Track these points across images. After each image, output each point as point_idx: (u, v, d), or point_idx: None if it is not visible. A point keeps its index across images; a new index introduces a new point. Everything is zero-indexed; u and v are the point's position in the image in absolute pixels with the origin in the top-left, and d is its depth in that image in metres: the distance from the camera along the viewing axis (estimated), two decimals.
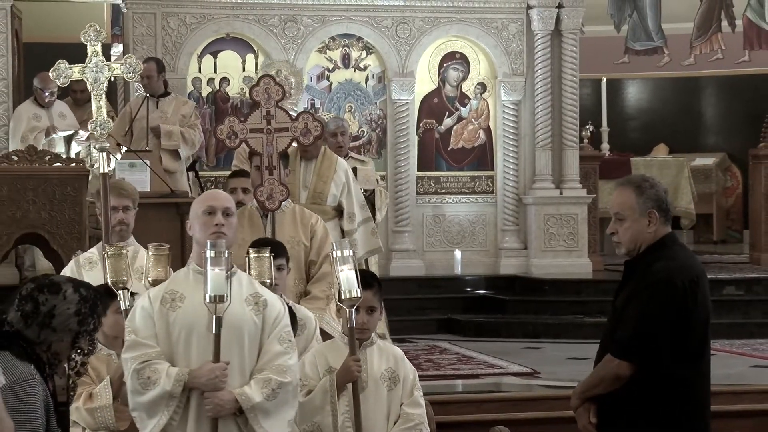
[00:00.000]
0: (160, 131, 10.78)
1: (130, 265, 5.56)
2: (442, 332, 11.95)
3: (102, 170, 6.51)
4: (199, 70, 12.74)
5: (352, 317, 5.22)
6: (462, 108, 13.36)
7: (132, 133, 10.88)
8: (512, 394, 8.33)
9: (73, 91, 11.52)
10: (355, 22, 12.98)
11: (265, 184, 7.06)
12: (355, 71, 13.12)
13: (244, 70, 12.77)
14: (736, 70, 17.83)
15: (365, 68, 13.14)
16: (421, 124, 13.27)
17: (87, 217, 8.84)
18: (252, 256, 5.34)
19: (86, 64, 6.56)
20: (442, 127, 13.32)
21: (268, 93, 7.14)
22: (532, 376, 9.51)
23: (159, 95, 11.05)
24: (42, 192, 8.85)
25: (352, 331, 5.24)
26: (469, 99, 13.36)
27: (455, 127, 13.35)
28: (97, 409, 5.36)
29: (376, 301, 5.39)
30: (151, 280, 5.34)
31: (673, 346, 4.68)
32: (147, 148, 10.53)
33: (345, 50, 13.07)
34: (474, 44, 13.32)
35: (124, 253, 5.53)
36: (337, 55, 13.07)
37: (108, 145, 6.71)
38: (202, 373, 4.76)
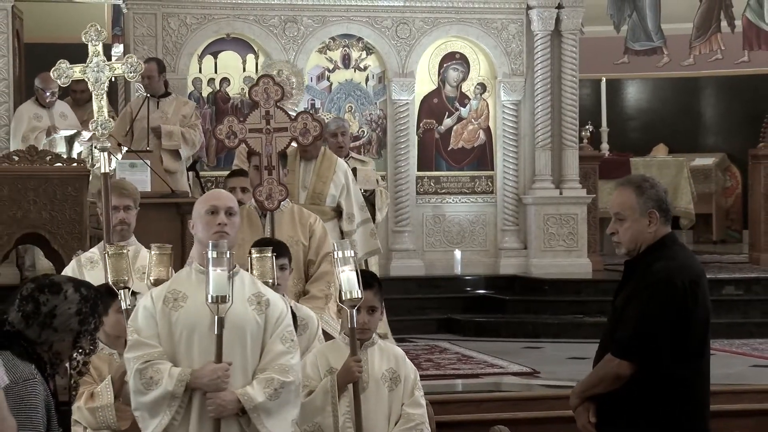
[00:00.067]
0: (161, 131, 10.79)
1: (131, 265, 5.57)
2: (442, 332, 11.94)
3: (103, 170, 6.52)
4: (200, 71, 12.74)
5: (353, 318, 5.21)
6: (462, 108, 13.36)
7: (133, 133, 10.89)
8: (512, 393, 8.32)
9: (73, 91, 11.52)
10: (355, 23, 12.98)
11: (264, 184, 7.06)
12: (355, 71, 13.12)
13: (244, 70, 12.77)
14: (736, 70, 17.83)
15: (365, 68, 13.14)
16: (421, 125, 13.27)
17: (88, 217, 8.85)
18: (254, 256, 5.33)
19: (87, 64, 6.56)
20: (442, 127, 13.32)
21: (267, 93, 7.13)
22: (532, 376, 9.51)
23: (160, 95, 11.06)
24: (43, 192, 8.87)
25: (353, 332, 5.23)
26: (469, 99, 13.36)
27: (455, 128, 13.35)
28: (98, 409, 5.37)
29: (377, 301, 5.38)
30: (152, 280, 5.36)
31: (673, 345, 4.68)
32: (147, 148, 10.54)
33: (345, 50, 13.07)
34: (474, 44, 13.32)
35: (124, 252, 5.54)
36: (337, 55, 13.07)
37: (109, 145, 6.72)
38: (204, 374, 4.75)
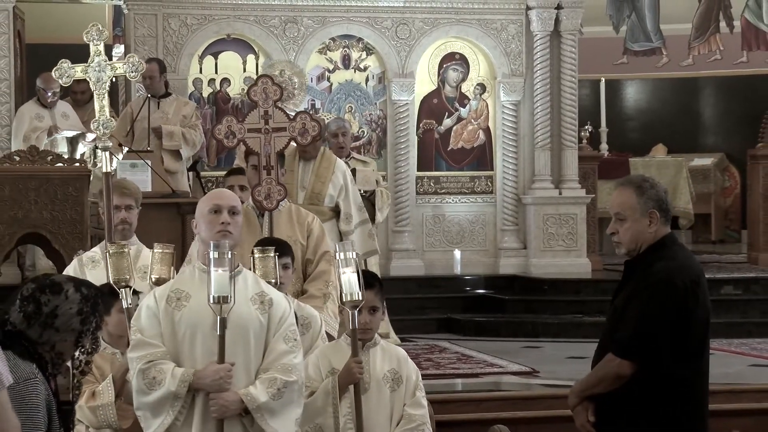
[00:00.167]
0: (162, 132, 10.81)
1: (132, 264, 5.58)
2: (442, 331, 11.94)
3: (105, 169, 6.53)
4: (200, 71, 12.75)
5: (354, 319, 5.19)
6: (461, 108, 13.37)
7: (133, 133, 10.91)
8: (512, 393, 8.31)
9: (73, 92, 11.51)
10: (355, 23, 13.00)
11: (262, 184, 7.06)
12: (355, 72, 13.13)
13: (244, 70, 12.78)
14: (735, 70, 17.84)
15: (365, 69, 13.15)
16: (420, 125, 13.28)
17: (88, 217, 8.86)
18: (257, 255, 5.34)
19: (89, 64, 6.57)
20: (442, 127, 13.33)
21: (266, 93, 7.13)
22: (532, 375, 9.50)
23: (160, 96, 11.09)
24: (44, 192, 8.88)
25: (354, 333, 5.22)
26: (469, 99, 13.37)
27: (455, 128, 13.36)
28: (99, 407, 5.38)
29: (378, 301, 5.37)
30: (154, 279, 5.37)
31: (673, 345, 4.69)
32: (148, 148, 10.56)
33: (345, 51, 13.08)
34: (473, 45, 13.33)
35: (125, 251, 5.54)
36: (337, 55, 13.08)
37: (111, 144, 6.73)
38: (206, 374, 4.75)
